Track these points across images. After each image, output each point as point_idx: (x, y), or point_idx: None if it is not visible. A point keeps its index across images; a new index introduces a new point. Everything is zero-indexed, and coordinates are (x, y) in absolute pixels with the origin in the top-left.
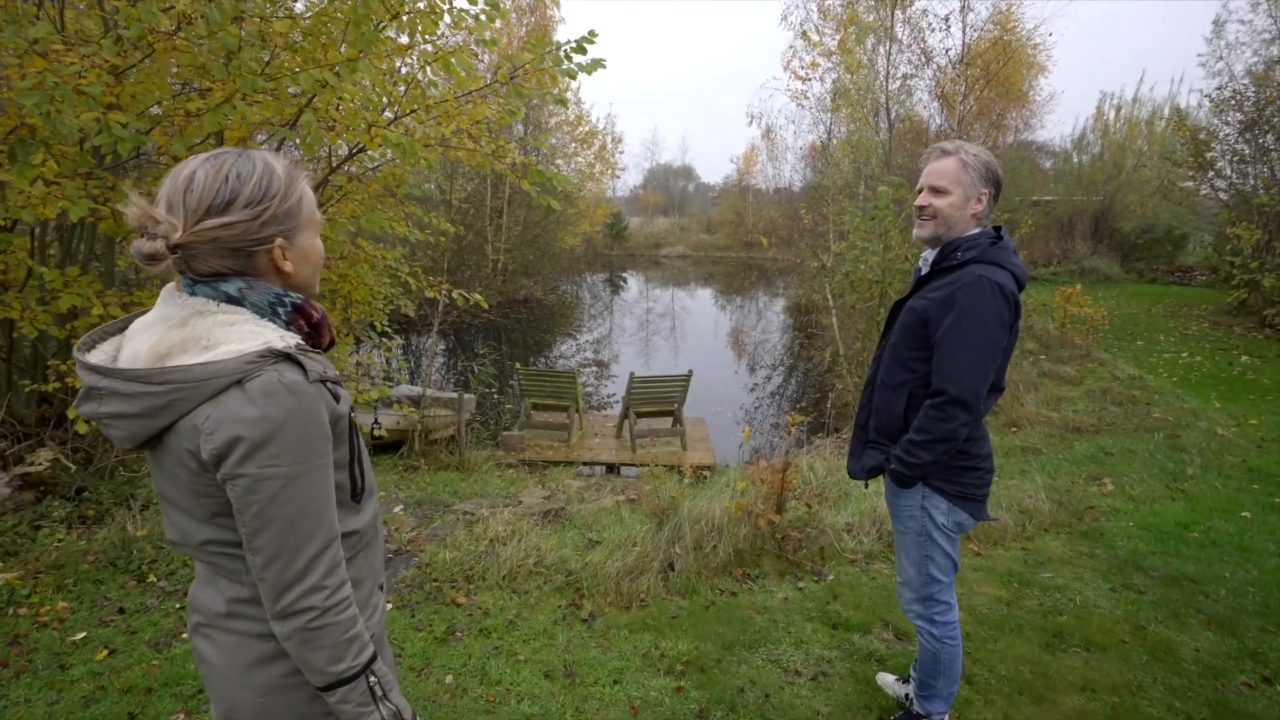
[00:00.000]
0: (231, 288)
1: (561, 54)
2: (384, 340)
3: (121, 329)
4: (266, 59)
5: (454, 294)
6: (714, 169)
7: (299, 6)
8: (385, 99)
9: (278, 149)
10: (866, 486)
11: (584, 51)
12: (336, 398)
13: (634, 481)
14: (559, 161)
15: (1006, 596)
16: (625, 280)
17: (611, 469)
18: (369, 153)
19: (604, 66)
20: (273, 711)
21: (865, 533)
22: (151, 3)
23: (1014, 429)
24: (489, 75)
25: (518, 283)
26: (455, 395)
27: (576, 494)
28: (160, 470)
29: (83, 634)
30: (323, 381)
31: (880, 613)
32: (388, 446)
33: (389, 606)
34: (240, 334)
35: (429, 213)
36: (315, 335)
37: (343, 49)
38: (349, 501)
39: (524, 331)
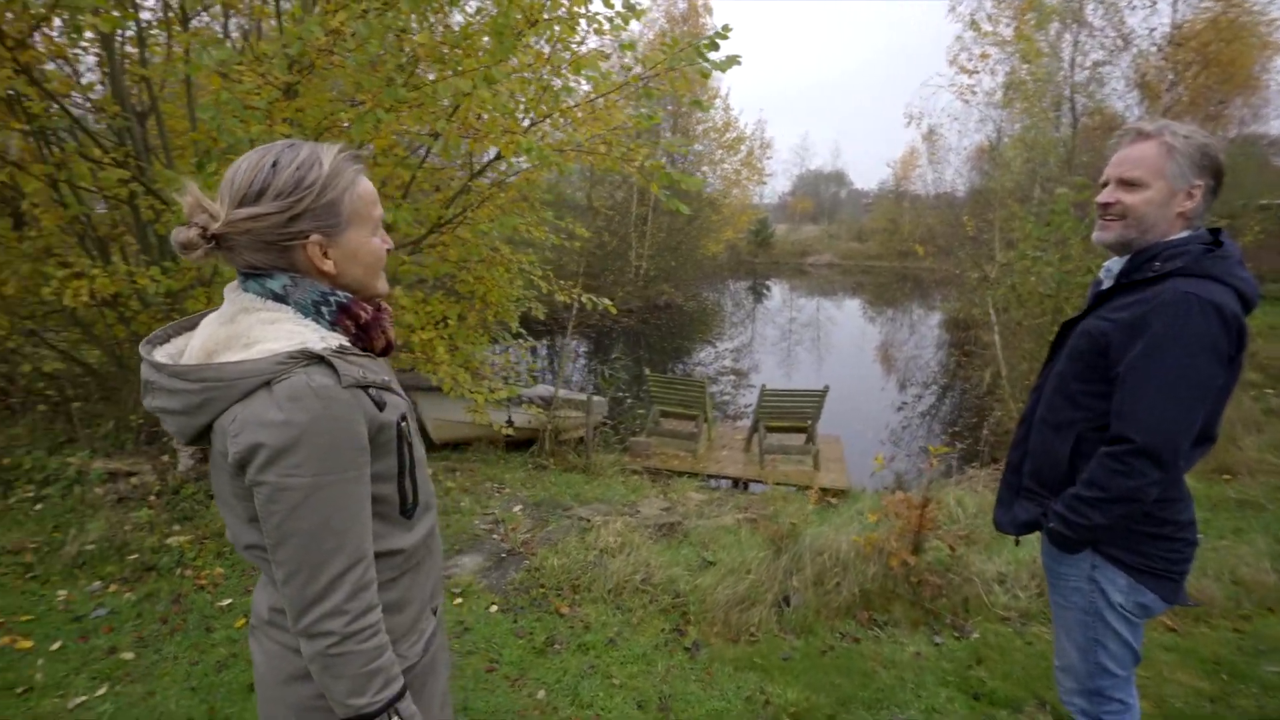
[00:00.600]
0: (276, 285)
1: (694, 50)
2: (519, 341)
3: (194, 325)
4: (408, 71)
5: (583, 298)
6: (868, 174)
7: (458, 19)
8: (523, 106)
9: (424, 156)
10: (1018, 543)
11: (716, 47)
12: (381, 405)
13: (759, 499)
14: (704, 169)
15: (1211, 691)
16: (769, 288)
17: (737, 484)
18: (510, 159)
19: (739, 63)
20: None
21: (1022, 586)
22: (311, 22)
23: (1227, 477)
24: (623, 77)
25: (658, 288)
26: (585, 397)
27: (696, 508)
28: (212, 467)
29: (229, 600)
30: (363, 387)
31: (1035, 688)
32: (519, 444)
33: (493, 608)
34: (278, 333)
35: (564, 219)
36: (364, 337)
37: (482, 56)
38: (398, 517)
39: (663, 337)
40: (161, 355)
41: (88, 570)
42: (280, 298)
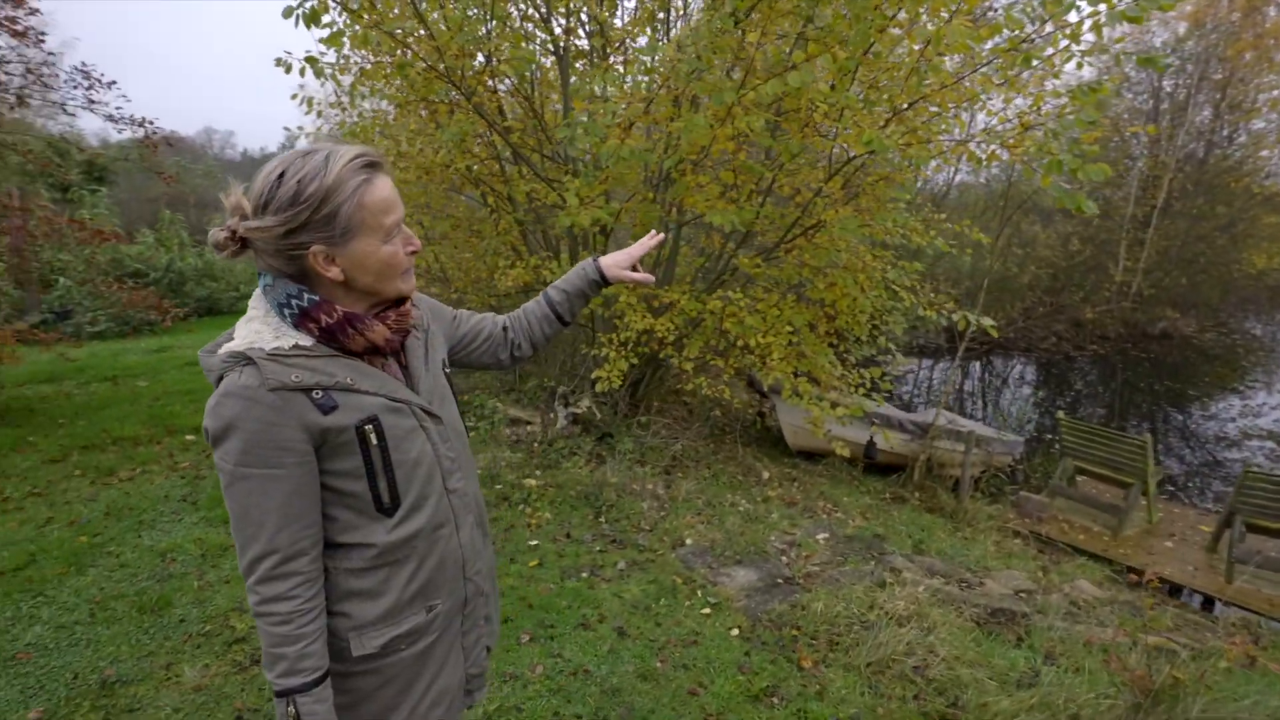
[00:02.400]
0: (262, 283)
1: None
2: (885, 357)
3: None
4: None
5: (954, 315)
6: None
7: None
8: (884, 94)
9: (733, 155)
10: None
11: None
12: (328, 408)
13: (1207, 621)
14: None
15: None
16: None
17: (1177, 591)
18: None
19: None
20: None
21: None
22: (665, 47)
23: None
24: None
25: (1156, 312)
26: (970, 430)
27: (1073, 605)
28: None
29: (535, 543)
30: (304, 390)
31: None
32: (885, 468)
33: (734, 631)
34: (244, 331)
35: (962, 221)
36: (333, 339)
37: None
38: (373, 513)
39: (1150, 375)
40: None
41: None
42: (264, 295)
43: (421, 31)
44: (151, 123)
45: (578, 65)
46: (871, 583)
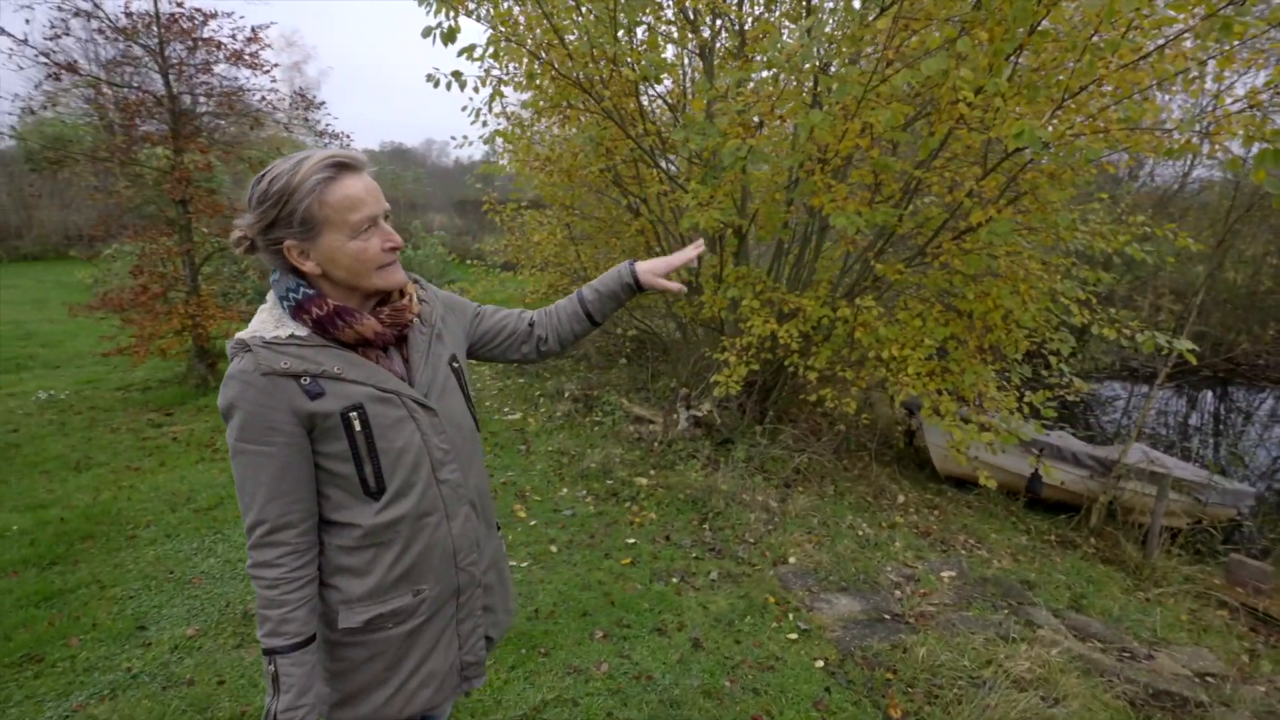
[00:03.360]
0: (273, 278)
1: None
2: (1053, 376)
3: None
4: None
5: (1138, 335)
6: None
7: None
8: (1050, 78)
9: (866, 152)
10: None
11: None
12: (315, 394)
13: None
14: None
15: None
16: None
17: None
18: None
19: None
20: None
21: None
22: (793, 36)
23: None
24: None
25: None
26: (1169, 473)
27: (1276, 705)
28: None
29: (633, 541)
30: (294, 376)
31: None
32: (1053, 506)
33: (820, 663)
34: (255, 320)
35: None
36: (325, 330)
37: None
38: (361, 496)
39: None
40: None
41: (586, 480)
42: (274, 289)
43: (554, 40)
44: (349, 136)
45: (725, 64)
46: (995, 634)
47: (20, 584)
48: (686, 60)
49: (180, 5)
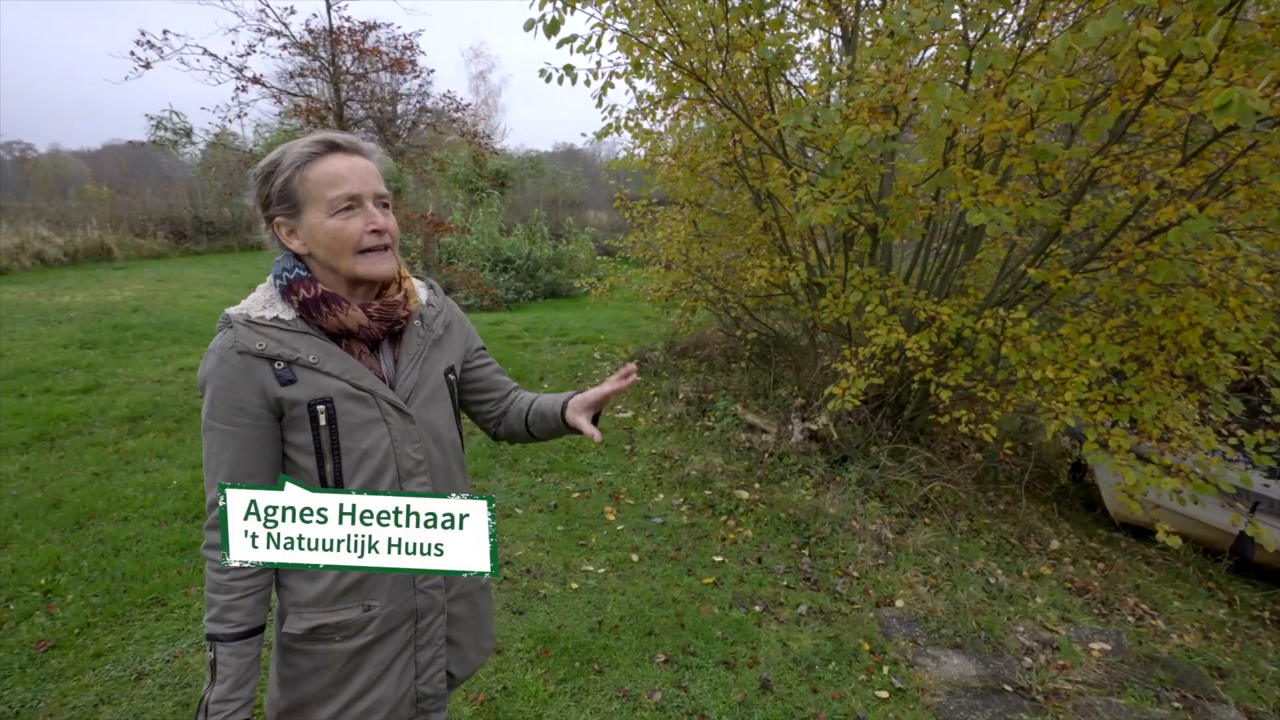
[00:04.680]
0: (274, 256)
1: None
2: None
3: None
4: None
5: None
6: None
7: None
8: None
9: (1019, 137)
10: None
11: None
12: (286, 380)
13: None
14: None
15: None
16: None
17: None
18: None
19: None
20: None
21: None
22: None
23: None
24: None
25: None
26: None
27: None
28: None
29: (720, 559)
30: (268, 359)
31: None
32: (1272, 574)
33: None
34: (249, 296)
35: None
36: (309, 315)
37: None
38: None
39: None
40: None
41: (684, 488)
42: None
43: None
44: (488, 137)
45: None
46: None
47: (167, 533)
48: (833, 44)
49: (348, 20)
